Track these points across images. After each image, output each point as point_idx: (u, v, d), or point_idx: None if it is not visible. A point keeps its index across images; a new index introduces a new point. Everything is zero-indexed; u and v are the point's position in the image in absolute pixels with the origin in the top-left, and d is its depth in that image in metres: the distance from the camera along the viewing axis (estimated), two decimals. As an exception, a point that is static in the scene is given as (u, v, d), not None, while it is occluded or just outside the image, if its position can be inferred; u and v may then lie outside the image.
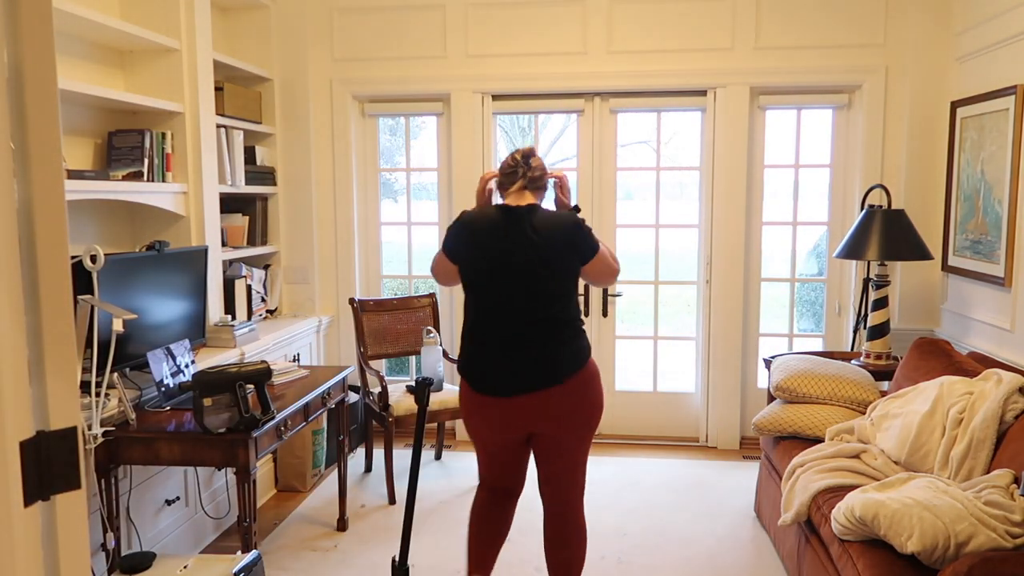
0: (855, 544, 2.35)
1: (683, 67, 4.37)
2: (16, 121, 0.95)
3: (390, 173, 5.27)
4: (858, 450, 2.89)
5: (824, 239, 4.69)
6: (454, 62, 4.50)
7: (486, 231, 2.46)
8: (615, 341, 4.76)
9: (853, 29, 4.23)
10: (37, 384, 0.98)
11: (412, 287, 5.08)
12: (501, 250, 2.43)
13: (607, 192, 4.63)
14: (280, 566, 3.21)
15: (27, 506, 0.95)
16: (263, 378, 2.71)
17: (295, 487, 4.04)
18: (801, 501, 2.71)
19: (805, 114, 4.50)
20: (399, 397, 3.99)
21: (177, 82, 3.46)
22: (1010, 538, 2.12)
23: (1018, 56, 3.33)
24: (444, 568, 3.19)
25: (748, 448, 4.57)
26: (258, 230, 4.38)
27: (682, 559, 3.25)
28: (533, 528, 3.53)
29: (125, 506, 2.89)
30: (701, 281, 4.62)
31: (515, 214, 2.46)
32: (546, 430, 2.48)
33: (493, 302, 2.46)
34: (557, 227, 2.43)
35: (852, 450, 2.90)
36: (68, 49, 3.14)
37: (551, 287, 2.43)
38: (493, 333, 2.47)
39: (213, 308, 3.63)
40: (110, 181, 3.07)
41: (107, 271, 2.64)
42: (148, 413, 2.82)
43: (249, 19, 4.38)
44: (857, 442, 2.99)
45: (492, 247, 2.44)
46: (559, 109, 4.65)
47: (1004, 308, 3.40)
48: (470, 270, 2.50)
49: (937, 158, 4.16)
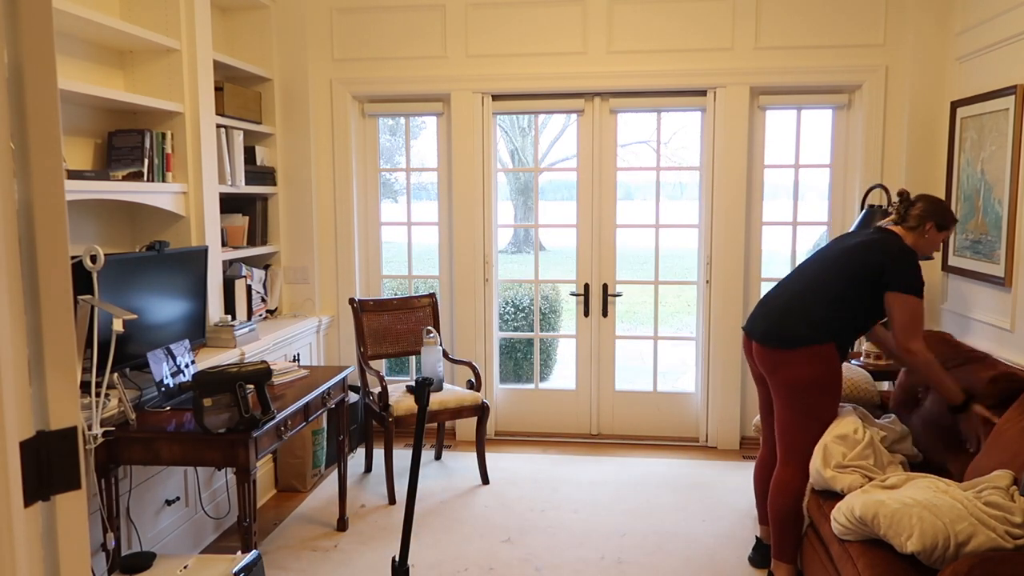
0: (855, 544, 2.35)
1: (683, 67, 4.37)
2: (16, 121, 0.95)
3: (390, 173, 5.28)
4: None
5: (824, 239, 4.69)
6: (454, 62, 4.50)
7: None
8: (615, 341, 4.76)
9: (853, 29, 4.23)
10: (37, 384, 0.98)
11: (412, 287, 5.08)
12: None
13: (607, 192, 4.63)
14: (280, 566, 3.21)
15: (27, 506, 0.95)
16: (263, 378, 2.71)
17: (295, 487, 4.04)
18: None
19: (805, 114, 4.50)
20: (399, 397, 3.99)
21: (177, 82, 3.46)
22: (1010, 538, 2.12)
23: (1018, 56, 3.33)
24: (444, 568, 3.19)
25: (748, 448, 4.57)
26: (258, 230, 4.38)
27: (682, 559, 3.25)
28: (534, 528, 3.53)
29: (125, 506, 2.89)
30: (701, 281, 4.62)
31: None
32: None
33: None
34: None
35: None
36: (68, 49, 3.14)
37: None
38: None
39: (213, 308, 3.63)
40: (110, 181, 3.07)
41: (107, 271, 2.64)
42: (148, 413, 2.82)
43: (249, 19, 4.38)
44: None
45: None
46: (559, 109, 4.65)
47: (1004, 308, 3.40)
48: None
49: (937, 158, 4.16)
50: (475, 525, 3.58)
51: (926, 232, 2.88)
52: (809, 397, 2.76)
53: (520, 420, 4.86)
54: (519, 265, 12.00)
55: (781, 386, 2.80)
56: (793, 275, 2.96)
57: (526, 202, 12.35)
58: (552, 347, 6.97)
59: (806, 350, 2.73)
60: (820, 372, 2.74)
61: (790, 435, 2.81)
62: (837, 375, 2.78)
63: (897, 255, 2.76)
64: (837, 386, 2.79)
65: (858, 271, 2.78)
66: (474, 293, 4.67)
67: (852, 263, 2.81)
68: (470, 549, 3.35)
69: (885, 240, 2.82)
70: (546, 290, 7.11)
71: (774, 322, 2.84)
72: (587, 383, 4.79)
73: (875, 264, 2.77)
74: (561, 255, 12.78)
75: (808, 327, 2.75)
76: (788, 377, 2.77)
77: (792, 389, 2.77)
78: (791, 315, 2.80)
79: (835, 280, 2.81)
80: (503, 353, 6.05)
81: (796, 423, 2.79)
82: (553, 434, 4.83)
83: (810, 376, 2.74)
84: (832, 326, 2.76)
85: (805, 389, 2.75)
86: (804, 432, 2.78)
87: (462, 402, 4.03)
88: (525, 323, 6.38)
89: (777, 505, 2.85)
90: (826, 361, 2.74)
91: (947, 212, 2.92)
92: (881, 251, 2.78)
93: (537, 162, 5.16)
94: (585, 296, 4.73)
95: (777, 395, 2.83)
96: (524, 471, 4.24)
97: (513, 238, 14.28)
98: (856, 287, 2.77)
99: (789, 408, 2.80)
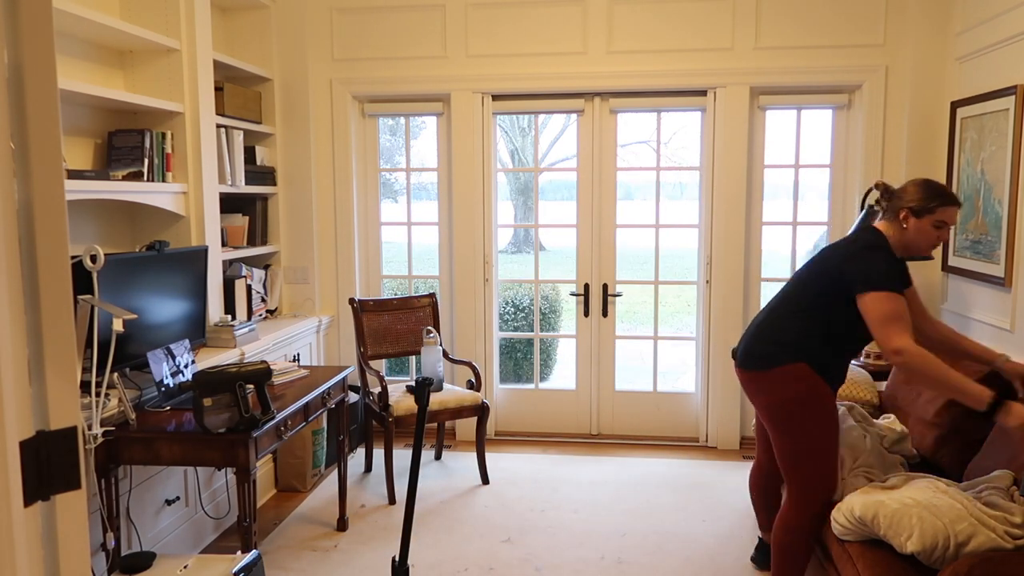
0: (855, 544, 2.35)
1: (683, 67, 4.37)
2: (16, 121, 0.95)
3: (390, 173, 5.28)
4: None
5: (824, 239, 4.69)
6: (454, 62, 4.50)
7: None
8: (615, 341, 4.76)
9: (853, 29, 4.23)
10: (37, 384, 0.98)
11: (412, 287, 5.08)
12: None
13: (607, 192, 4.63)
14: (280, 566, 3.21)
15: (27, 506, 0.95)
16: (263, 378, 2.71)
17: (295, 487, 4.04)
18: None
19: (805, 114, 4.50)
20: (399, 397, 3.99)
21: (177, 82, 3.46)
22: (1010, 539, 2.12)
23: (1018, 56, 3.33)
24: (444, 568, 3.19)
25: (748, 448, 4.57)
26: (258, 230, 4.38)
27: (682, 559, 3.25)
28: (534, 528, 3.53)
29: (125, 506, 2.89)
30: (701, 281, 4.62)
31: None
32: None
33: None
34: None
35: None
36: (68, 49, 3.14)
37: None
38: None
39: (213, 308, 3.64)
40: (110, 181, 3.07)
41: (107, 271, 2.64)
42: (148, 413, 2.82)
43: (249, 19, 4.38)
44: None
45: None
46: (559, 109, 4.65)
47: (1004, 308, 3.40)
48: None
49: (937, 158, 4.17)
50: (475, 525, 3.58)
51: (904, 222, 2.52)
52: (791, 421, 2.50)
53: (520, 420, 4.86)
54: (519, 265, 12.00)
55: (762, 410, 2.59)
56: (780, 292, 2.75)
57: (526, 202, 12.35)
58: (552, 347, 6.97)
59: (778, 370, 2.50)
60: (796, 392, 2.48)
61: (786, 465, 2.57)
62: (820, 396, 2.49)
63: (854, 254, 2.47)
64: (823, 409, 2.49)
65: (818, 280, 2.54)
66: (474, 293, 4.67)
67: (813, 271, 2.58)
68: (470, 549, 3.35)
69: (851, 241, 2.56)
70: (546, 290, 7.11)
71: (747, 342, 2.65)
72: (587, 383, 4.79)
73: (832, 270, 2.50)
74: (561, 255, 12.78)
75: (777, 345, 2.53)
76: (764, 401, 2.56)
77: (772, 413, 2.54)
78: (762, 333, 2.60)
79: (801, 292, 2.58)
80: (503, 353, 6.05)
81: (789, 451, 2.54)
82: (553, 434, 4.83)
83: (785, 398, 2.49)
84: (802, 344, 2.50)
85: (785, 413, 2.51)
86: (800, 463, 2.53)
87: (462, 402, 4.03)
88: (525, 323, 6.38)
89: (778, 539, 2.61)
90: (800, 381, 2.48)
91: (930, 195, 2.50)
92: (841, 254, 2.51)
93: (537, 162, 5.16)
94: (585, 296, 4.73)
95: (764, 421, 2.62)
96: (524, 471, 4.24)
97: (513, 238, 14.28)
98: (820, 298, 2.51)
99: (776, 433, 2.56)
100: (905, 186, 2.58)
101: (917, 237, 2.51)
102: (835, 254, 2.55)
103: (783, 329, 2.56)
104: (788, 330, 2.54)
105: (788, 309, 2.59)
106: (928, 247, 2.54)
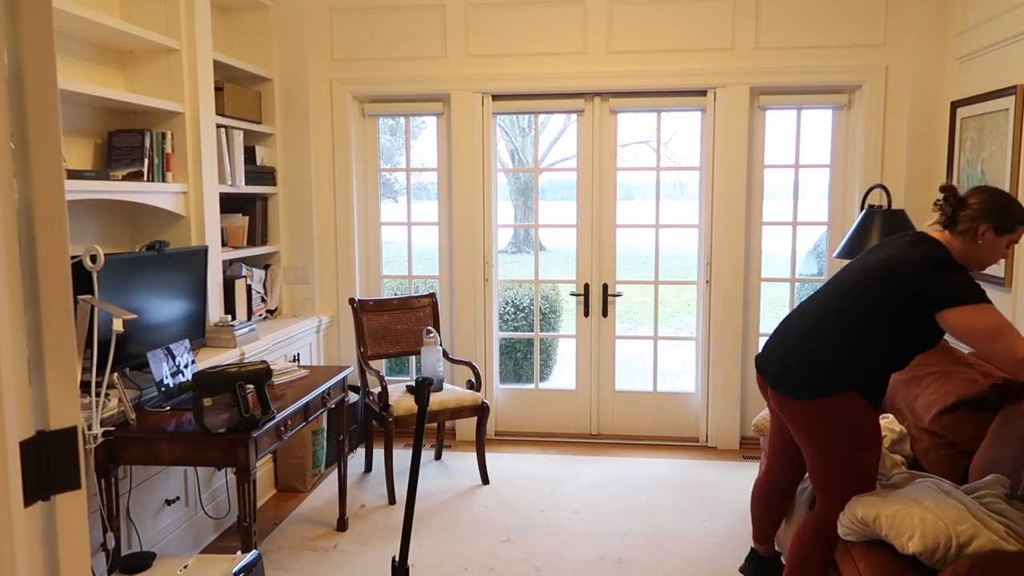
0: (856, 545, 2.35)
1: (683, 67, 4.37)
2: (16, 121, 0.95)
3: (390, 173, 5.28)
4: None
5: (824, 239, 4.69)
6: (454, 62, 4.50)
7: None
8: (615, 341, 4.76)
9: (853, 29, 4.23)
10: (37, 384, 0.98)
11: (412, 287, 5.08)
12: None
13: (607, 192, 4.63)
14: (280, 566, 3.21)
15: (27, 506, 0.95)
16: (263, 378, 2.71)
17: (295, 487, 4.04)
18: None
19: (805, 114, 4.50)
20: (399, 397, 3.99)
21: (177, 82, 3.46)
22: (1012, 540, 2.12)
23: (1018, 56, 3.33)
24: (444, 568, 3.19)
25: (748, 448, 4.57)
26: (258, 230, 4.38)
27: (682, 559, 3.25)
28: (533, 528, 3.53)
29: (125, 506, 2.89)
30: (701, 281, 4.62)
31: None
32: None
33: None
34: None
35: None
36: (68, 49, 3.14)
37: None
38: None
39: (213, 308, 3.63)
40: (110, 181, 3.07)
41: (107, 271, 2.64)
42: (148, 413, 2.82)
43: (249, 19, 4.38)
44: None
45: None
46: (559, 109, 4.65)
47: (1004, 308, 3.40)
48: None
49: (937, 158, 4.17)
50: (475, 525, 3.58)
51: (980, 237, 2.29)
52: (834, 448, 2.34)
53: (520, 420, 4.86)
54: (519, 265, 12.00)
55: (802, 435, 2.41)
56: (815, 298, 2.49)
57: (526, 202, 12.35)
58: (552, 347, 6.97)
59: (827, 400, 2.30)
60: (844, 421, 2.31)
61: (821, 482, 2.42)
62: (867, 423, 2.31)
63: (930, 270, 2.22)
64: (869, 433, 2.32)
65: (876, 298, 2.29)
66: (474, 293, 4.67)
67: (866, 287, 2.32)
68: (470, 549, 3.35)
69: (912, 257, 2.28)
70: (546, 290, 7.11)
71: (789, 363, 2.41)
72: (587, 383, 4.79)
73: (901, 293, 2.25)
74: (561, 255, 12.78)
75: (828, 371, 2.31)
76: (805, 427, 2.37)
77: (813, 439, 2.37)
78: (809, 357, 2.36)
79: (857, 310, 2.32)
80: (503, 353, 6.05)
81: (825, 470, 2.39)
82: (553, 434, 4.83)
83: (829, 424, 2.32)
84: (857, 372, 2.30)
85: (829, 440, 2.34)
86: (842, 482, 2.38)
87: (462, 402, 4.03)
88: (525, 323, 6.38)
89: (803, 548, 2.46)
90: (850, 412, 2.30)
91: (1011, 209, 2.28)
92: (905, 274, 2.25)
93: (537, 162, 5.16)
94: (585, 296, 4.73)
95: (802, 444, 2.44)
96: (524, 471, 4.24)
97: (513, 238, 14.28)
98: (883, 318, 2.28)
99: (815, 455, 2.40)
100: (981, 198, 2.34)
101: (987, 253, 2.33)
102: (898, 270, 2.29)
103: (836, 355, 2.33)
104: (842, 356, 2.32)
105: (840, 329, 2.34)
106: (992, 263, 2.36)
